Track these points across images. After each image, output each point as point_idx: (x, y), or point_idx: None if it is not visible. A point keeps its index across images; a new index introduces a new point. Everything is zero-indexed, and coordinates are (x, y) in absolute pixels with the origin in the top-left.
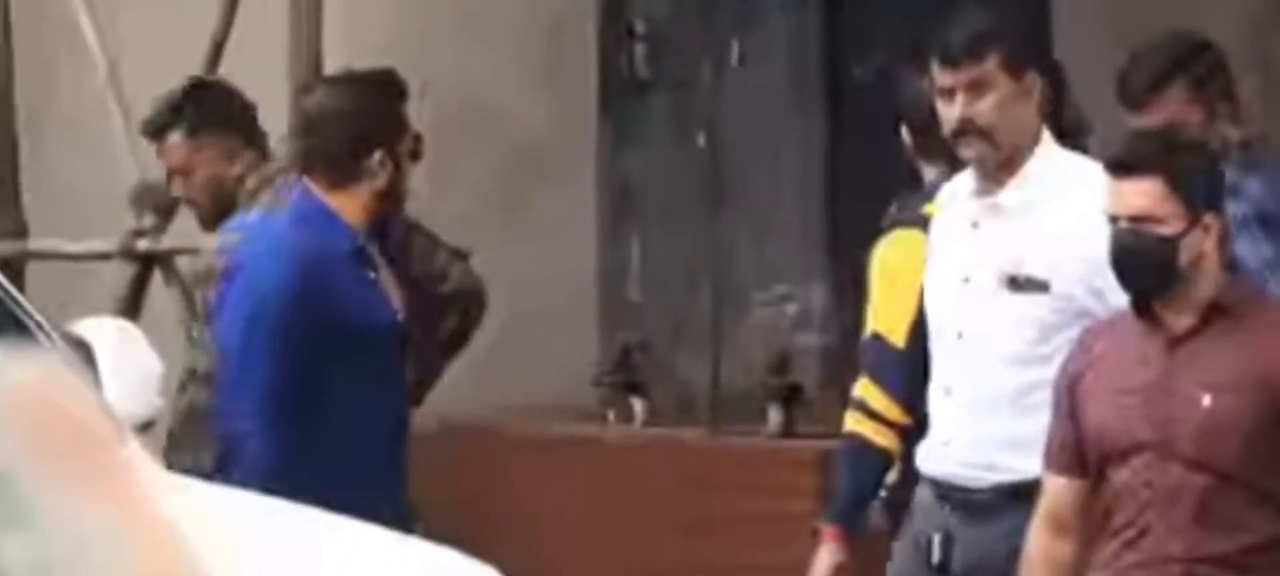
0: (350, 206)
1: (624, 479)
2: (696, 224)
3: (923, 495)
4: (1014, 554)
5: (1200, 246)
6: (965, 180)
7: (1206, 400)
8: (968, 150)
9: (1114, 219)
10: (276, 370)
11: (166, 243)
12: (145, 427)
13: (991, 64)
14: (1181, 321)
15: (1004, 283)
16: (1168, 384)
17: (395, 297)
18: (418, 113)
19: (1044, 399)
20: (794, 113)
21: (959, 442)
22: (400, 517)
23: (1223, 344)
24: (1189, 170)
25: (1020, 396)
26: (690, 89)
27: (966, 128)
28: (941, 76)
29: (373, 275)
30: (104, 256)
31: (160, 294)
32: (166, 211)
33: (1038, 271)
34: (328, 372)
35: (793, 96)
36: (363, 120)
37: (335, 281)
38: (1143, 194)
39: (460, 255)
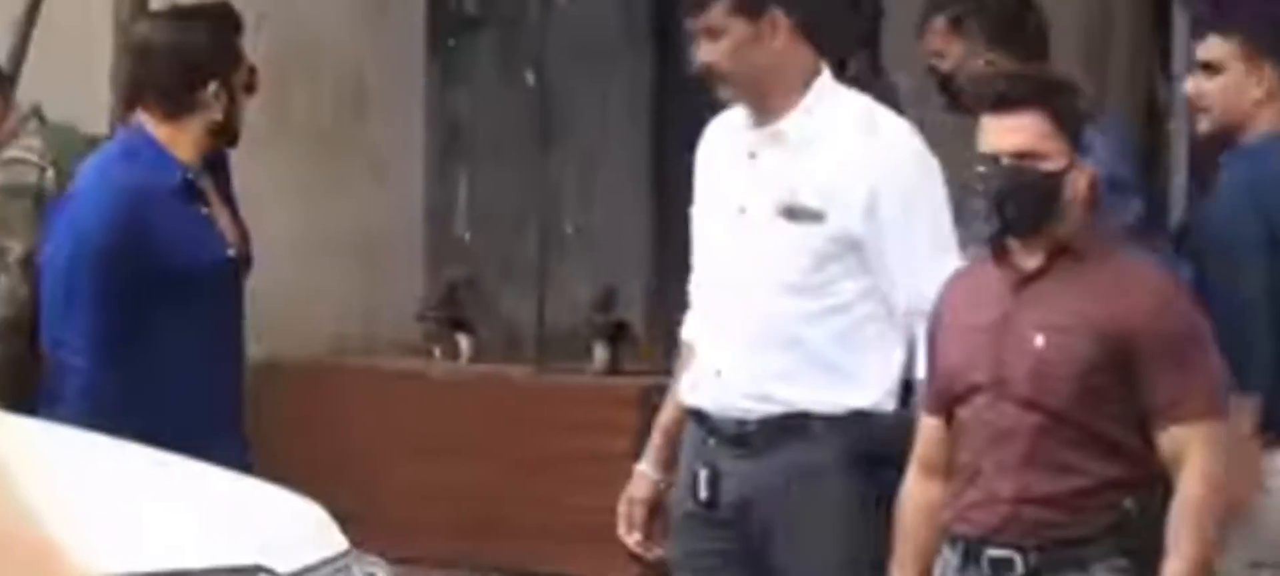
0: (182, 140)
1: (450, 415)
2: (524, 161)
3: (690, 430)
4: (790, 485)
5: (1075, 185)
6: (740, 112)
7: (1039, 340)
8: (721, 92)
9: (993, 158)
10: (99, 307)
11: None
12: None
13: (720, 9)
14: (1031, 261)
15: (780, 212)
16: (1008, 323)
17: (230, 233)
18: (253, 46)
19: (819, 332)
20: (622, 49)
21: (731, 373)
22: (235, 456)
23: (1064, 285)
24: (1068, 108)
25: (794, 326)
26: (518, 25)
27: (709, 71)
28: (688, 22)
29: (205, 210)
30: None
31: None
32: None
33: (813, 201)
34: (154, 309)
35: (621, 33)
36: (197, 51)
37: (160, 218)
38: (1025, 130)
39: None
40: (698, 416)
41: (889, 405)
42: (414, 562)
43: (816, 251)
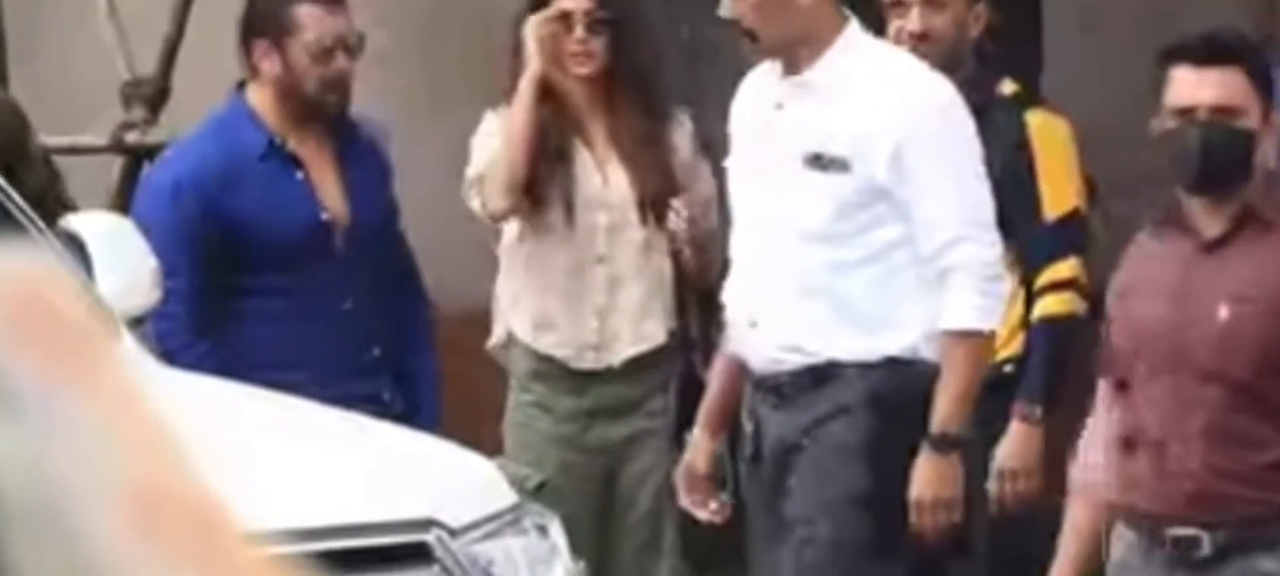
0: (262, 101)
1: None
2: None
3: (745, 386)
4: (812, 427)
5: (1264, 145)
6: (771, 65)
7: (1223, 312)
8: (746, 47)
9: (1187, 111)
10: (175, 276)
11: (156, 136)
12: (138, 322)
13: None
14: (1214, 227)
15: (806, 161)
16: (1188, 292)
17: (331, 196)
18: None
19: (851, 282)
20: None
21: (765, 324)
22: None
23: (1250, 254)
24: (1263, 64)
25: (821, 275)
26: None
27: (740, 27)
28: None
29: (299, 173)
30: (94, 150)
31: None
32: (155, 105)
33: (839, 151)
34: (240, 273)
35: None
36: (249, 12)
37: (234, 185)
38: (1226, 84)
39: None
40: (745, 369)
41: (927, 352)
42: None
43: (842, 200)
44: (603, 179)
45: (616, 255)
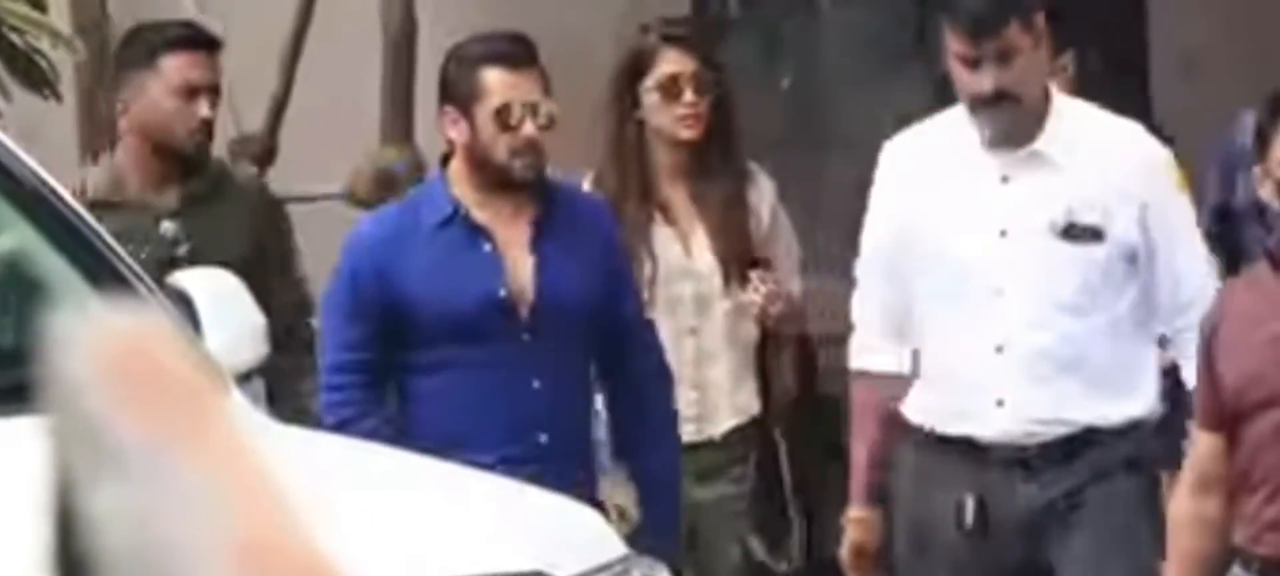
0: (457, 170)
1: None
2: (783, 168)
3: (938, 457)
4: (1075, 508)
5: None
6: (953, 134)
7: None
8: (1001, 117)
9: None
10: (339, 347)
11: None
12: (247, 377)
13: (1016, 28)
14: None
15: (1056, 232)
16: None
17: (519, 270)
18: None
19: (1099, 349)
20: (894, 57)
21: (1014, 401)
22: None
23: None
24: None
25: (1075, 346)
26: (780, 29)
27: (999, 98)
28: (964, 46)
29: (487, 245)
30: None
31: None
32: (263, 162)
33: (1092, 219)
34: (408, 346)
35: (892, 40)
36: (442, 78)
37: (412, 253)
38: None
39: None
40: (964, 443)
41: (1159, 408)
42: None
43: (1097, 267)
44: (685, 249)
45: (705, 327)
